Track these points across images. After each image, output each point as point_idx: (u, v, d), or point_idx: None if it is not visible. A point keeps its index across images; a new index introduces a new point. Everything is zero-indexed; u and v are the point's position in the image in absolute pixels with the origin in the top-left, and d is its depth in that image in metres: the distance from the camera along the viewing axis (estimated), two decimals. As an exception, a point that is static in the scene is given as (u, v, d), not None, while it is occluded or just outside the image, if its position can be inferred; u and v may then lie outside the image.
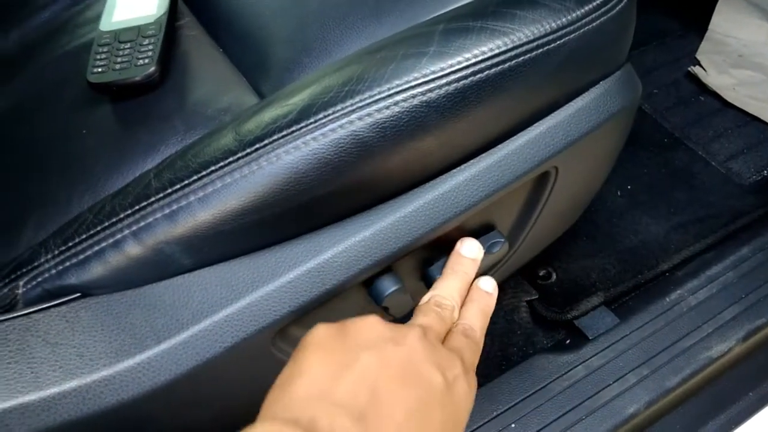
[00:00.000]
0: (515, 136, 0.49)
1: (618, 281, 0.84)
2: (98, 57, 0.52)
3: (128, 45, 0.52)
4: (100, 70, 0.51)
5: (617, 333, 0.76)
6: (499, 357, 0.78)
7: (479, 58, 0.43)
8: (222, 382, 0.45)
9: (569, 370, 0.73)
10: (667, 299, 0.79)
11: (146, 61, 0.51)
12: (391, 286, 0.48)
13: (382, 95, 0.42)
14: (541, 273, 0.86)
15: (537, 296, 0.83)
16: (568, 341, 0.78)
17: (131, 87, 0.51)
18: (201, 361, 0.42)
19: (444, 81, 0.42)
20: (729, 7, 1.19)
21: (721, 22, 1.18)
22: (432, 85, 0.42)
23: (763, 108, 1.04)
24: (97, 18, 0.57)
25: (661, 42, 1.20)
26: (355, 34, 0.51)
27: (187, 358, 0.42)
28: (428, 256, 0.52)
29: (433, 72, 0.42)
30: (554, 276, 0.86)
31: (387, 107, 0.42)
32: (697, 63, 1.13)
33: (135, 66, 0.51)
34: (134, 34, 0.53)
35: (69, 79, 0.55)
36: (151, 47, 0.51)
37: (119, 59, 0.51)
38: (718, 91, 1.07)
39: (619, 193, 0.96)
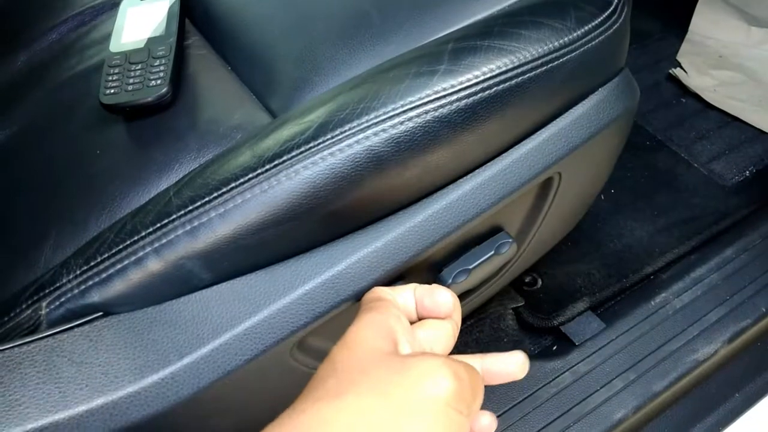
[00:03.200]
0: (519, 145, 0.50)
1: (603, 286, 0.85)
2: (110, 78, 0.52)
3: (139, 66, 0.53)
4: (112, 91, 0.52)
5: (603, 338, 0.77)
6: (486, 365, 0.79)
7: (487, 76, 0.44)
8: (243, 393, 0.46)
9: (556, 377, 0.73)
10: (653, 303, 0.80)
11: (158, 82, 0.52)
12: None
13: (396, 111, 0.43)
14: (527, 279, 0.86)
15: (523, 303, 0.84)
16: (554, 347, 0.79)
17: (144, 107, 0.52)
18: (222, 373, 0.43)
19: (455, 97, 0.44)
20: (708, 9, 1.21)
21: (700, 23, 1.19)
22: (443, 101, 0.44)
23: (743, 108, 1.06)
24: (105, 39, 0.58)
25: (642, 44, 1.20)
26: (363, 53, 0.52)
27: (209, 372, 0.42)
28: (440, 260, 0.53)
29: (444, 89, 0.44)
30: (540, 282, 0.86)
31: (401, 123, 0.43)
32: (678, 65, 1.14)
33: (147, 87, 0.52)
34: (145, 55, 0.54)
35: (81, 101, 0.55)
36: (162, 68, 0.52)
37: (131, 80, 0.52)
38: (699, 93, 1.08)
39: (602, 197, 0.96)
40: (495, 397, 0.72)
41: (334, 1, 0.56)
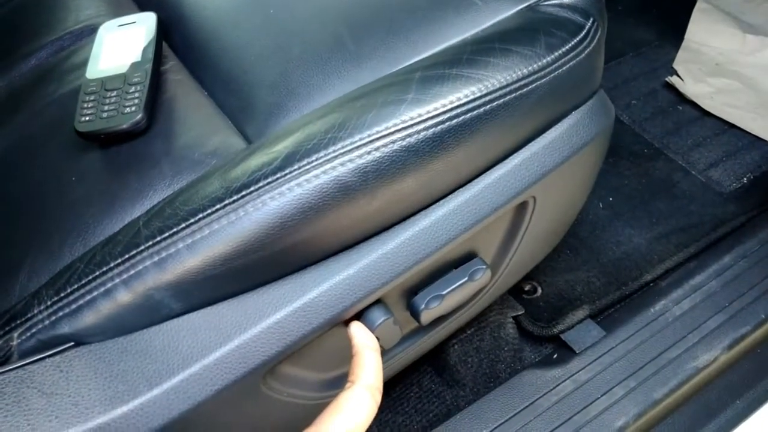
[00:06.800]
0: (490, 171, 0.50)
1: (603, 293, 0.85)
2: (85, 105, 0.53)
3: (114, 93, 0.53)
4: (87, 118, 0.52)
5: (604, 346, 0.77)
6: (488, 374, 0.79)
7: (455, 104, 0.44)
8: (215, 421, 0.46)
9: (557, 385, 0.74)
10: (652, 310, 0.80)
11: (133, 108, 0.52)
12: (381, 317, 0.49)
13: (363, 141, 0.43)
14: (527, 288, 0.87)
15: (523, 311, 0.84)
16: (555, 355, 0.79)
17: (119, 134, 0.52)
18: (193, 404, 0.43)
19: (422, 126, 0.44)
20: (704, 17, 1.21)
21: (696, 31, 1.20)
22: (411, 130, 0.44)
23: (741, 116, 1.07)
24: (83, 64, 0.58)
25: (638, 52, 1.22)
26: (337, 78, 0.52)
27: (180, 402, 0.43)
28: (414, 284, 0.53)
29: (412, 118, 0.44)
30: (539, 290, 0.87)
31: (368, 152, 0.43)
32: (674, 72, 1.15)
33: (122, 114, 0.52)
34: (120, 81, 0.54)
35: (57, 127, 0.56)
36: (137, 94, 0.53)
37: (106, 107, 0.52)
38: (696, 100, 1.09)
39: (600, 205, 0.97)
40: (496, 406, 0.73)
41: (310, 27, 0.56)
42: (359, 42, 0.54)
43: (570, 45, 0.50)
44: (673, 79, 1.13)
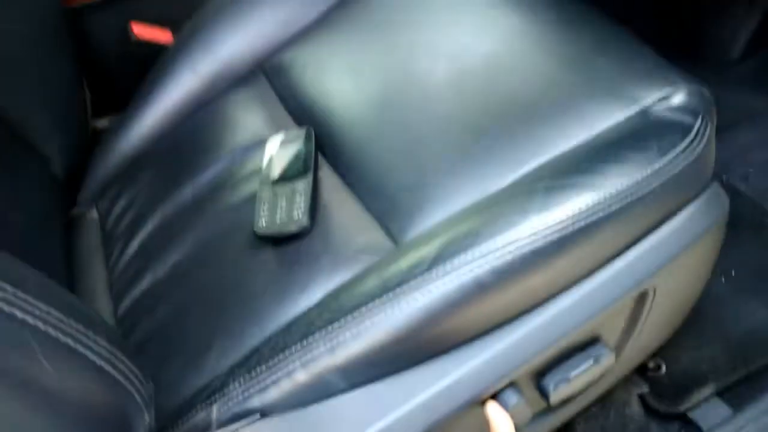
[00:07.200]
0: (609, 264, 0.56)
1: (729, 371, 0.84)
2: (262, 212, 0.64)
3: (284, 201, 0.65)
4: (264, 223, 0.64)
5: (732, 425, 0.76)
6: (614, 453, 0.81)
7: (576, 212, 0.52)
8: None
9: None
10: None
11: (300, 215, 0.63)
12: (513, 399, 0.56)
13: (497, 247, 0.51)
14: (651, 365, 0.86)
15: (648, 389, 0.84)
16: None
17: (288, 235, 0.63)
18: None
19: (548, 232, 0.51)
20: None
21: (810, 99, 1.18)
22: (538, 236, 0.51)
23: None
24: (253, 174, 0.71)
25: (752, 121, 1.19)
26: (465, 182, 0.60)
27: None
28: (542, 367, 0.59)
29: (539, 226, 0.51)
30: (664, 368, 0.86)
31: (501, 256, 0.51)
32: (793, 140, 1.14)
33: (291, 219, 0.63)
34: (288, 190, 0.66)
35: (236, 228, 0.68)
36: (302, 202, 0.64)
37: (278, 213, 0.64)
38: (817, 168, 1.07)
39: (723, 279, 0.95)
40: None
41: (439, 137, 0.65)
42: (484, 148, 0.62)
43: (681, 147, 0.56)
44: (791, 147, 1.12)
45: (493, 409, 0.53)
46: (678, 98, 0.61)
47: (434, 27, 0.76)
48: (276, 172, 0.69)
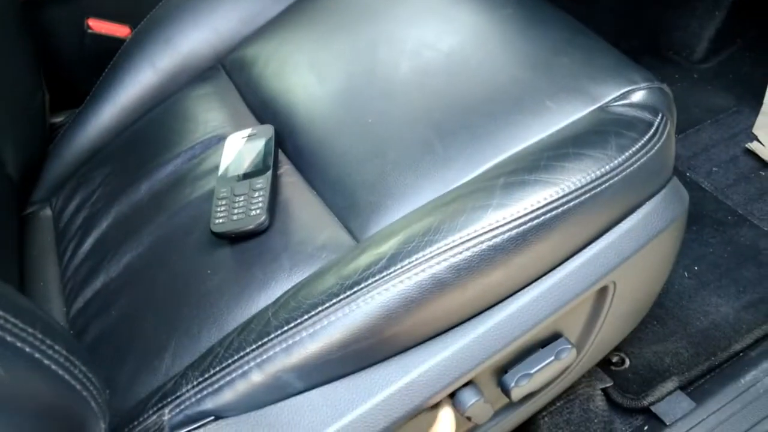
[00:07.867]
0: (569, 260, 0.56)
1: (692, 364, 0.85)
2: (218, 209, 0.63)
3: (242, 198, 0.63)
4: (221, 221, 0.62)
5: (694, 418, 0.77)
6: (578, 447, 0.82)
7: (535, 207, 0.51)
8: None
9: None
10: (742, 381, 0.80)
11: (258, 211, 0.62)
12: (472, 397, 0.55)
13: (456, 243, 0.50)
14: (614, 360, 0.87)
15: (612, 383, 0.85)
16: (645, 428, 0.80)
17: (247, 233, 0.62)
18: None
19: (507, 227, 0.51)
20: (783, 81, 1.21)
21: (775, 96, 1.20)
22: (497, 231, 0.51)
23: (824, 179, 1.05)
24: (212, 170, 0.70)
25: (716, 119, 1.20)
26: (427, 179, 0.60)
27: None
28: (503, 364, 0.59)
29: (497, 221, 0.51)
30: (627, 362, 0.87)
31: (460, 252, 0.50)
32: (755, 138, 1.15)
33: (249, 216, 0.62)
34: (246, 187, 0.64)
35: (193, 226, 0.66)
36: (261, 199, 0.63)
37: (236, 210, 0.62)
38: (778, 166, 1.09)
39: (686, 274, 0.97)
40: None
41: (402, 134, 0.64)
42: (447, 146, 0.62)
43: (640, 144, 0.56)
44: (754, 145, 1.13)
45: (443, 411, 0.53)
46: (638, 96, 0.61)
47: (397, 23, 0.75)
48: (235, 169, 0.67)
